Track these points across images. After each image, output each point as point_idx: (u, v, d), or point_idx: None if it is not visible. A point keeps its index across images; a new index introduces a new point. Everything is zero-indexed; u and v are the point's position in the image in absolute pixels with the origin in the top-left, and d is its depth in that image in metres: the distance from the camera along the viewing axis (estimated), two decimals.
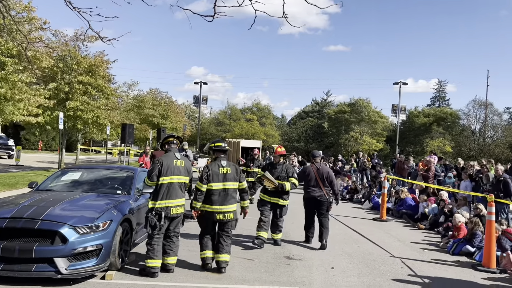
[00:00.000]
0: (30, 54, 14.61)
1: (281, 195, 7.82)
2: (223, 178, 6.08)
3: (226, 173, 6.12)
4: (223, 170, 6.12)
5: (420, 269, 6.85)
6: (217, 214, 6.00)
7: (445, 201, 11.02)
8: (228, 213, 6.04)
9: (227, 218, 6.05)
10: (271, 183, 7.74)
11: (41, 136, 40.97)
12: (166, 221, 5.71)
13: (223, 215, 6.02)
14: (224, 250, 6.03)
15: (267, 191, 7.95)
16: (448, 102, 64.50)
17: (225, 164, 6.17)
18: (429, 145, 43.80)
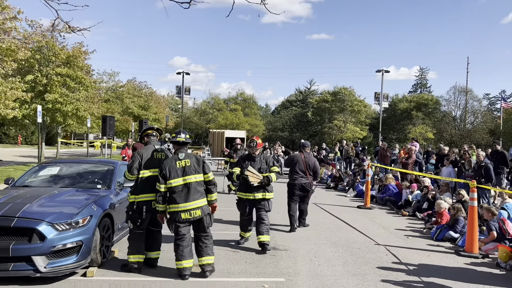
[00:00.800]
0: (5, 46, 14.14)
1: (265, 188, 7.02)
2: (182, 172, 5.41)
3: (185, 166, 5.44)
4: (181, 163, 5.43)
5: (404, 256, 6.89)
6: (182, 213, 5.33)
7: (428, 187, 11.13)
8: (194, 210, 5.36)
9: (194, 216, 5.36)
10: (256, 177, 6.94)
11: (20, 130, 40.13)
12: (148, 214, 5.59)
13: (189, 213, 5.34)
14: (205, 253, 5.47)
15: (246, 187, 7.01)
16: (429, 89, 65.38)
17: (182, 157, 5.47)
18: (411, 132, 44.33)
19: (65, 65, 21.68)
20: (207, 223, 5.49)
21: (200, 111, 58.20)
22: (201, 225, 5.47)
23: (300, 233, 8.29)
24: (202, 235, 5.51)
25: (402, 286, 5.43)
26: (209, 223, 5.52)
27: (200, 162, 5.55)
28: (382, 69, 36.59)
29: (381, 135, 36.98)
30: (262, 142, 7.57)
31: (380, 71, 36.72)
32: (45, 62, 21.26)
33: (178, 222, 5.37)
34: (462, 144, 20.16)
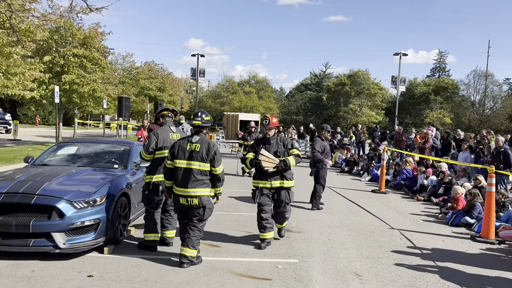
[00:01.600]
0: (24, 27, 14.24)
1: (284, 174, 6.16)
2: (189, 155, 5.10)
3: (193, 150, 5.10)
4: (191, 146, 5.12)
5: (418, 241, 6.87)
6: (181, 198, 5.09)
7: (445, 172, 11.00)
8: (191, 198, 5.04)
9: (190, 203, 5.05)
10: (271, 162, 6.04)
11: (38, 111, 40.74)
12: (163, 196, 5.66)
13: (186, 199, 5.06)
14: (185, 243, 5.07)
15: (261, 174, 6.17)
16: (448, 73, 63.91)
17: (195, 140, 5.15)
18: (428, 116, 43.69)
19: (82, 46, 21.80)
20: (199, 215, 5.09)
21: (215, 94, 58.17)
22: (191, 214, 5.11)
23: (314, 216, 8.31)
24: (190, 225, 5.13)
25: (416, 270, 5.42)
26: (201, 215, 5.10)
27: (210, 152, 5.08)
28: (400, 52, 35.96)
29: (397, 120, 36.54)
30: (278, 121, 6.46)
31: (398, 54, 36.08)
32: (62, 43, 21.39)
33: (176, 204, 5.25)
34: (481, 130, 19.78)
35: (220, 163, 5.17)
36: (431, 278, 5.17)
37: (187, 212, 5.15)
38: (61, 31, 21.39)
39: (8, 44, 13.80)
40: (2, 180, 5.64)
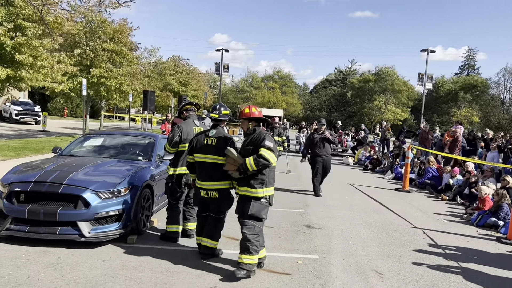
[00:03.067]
0: (52, 19, 14.58)
1: (249, 179, 4.70)
2: (206, 149, 5.06)
3: (209, 144, 5.05)
4: (208, 140, 5.08)
5: (442, 240, 6.75)
6: (202, 191, 5.06)
7: (471, 172, 10.74)
8: (211, 191, 4.98)
9: (211, 196, 4.99)
10: (232, 163, 4.79)
11: (66, 103, 41.73)
12: (186, 188, 5.74)
13: (206, 192, 5.02)
14: (206, 235, 5.12)
15: None
16: (478, 70, 62.21)
17: (212, 134, 5.10)
18: (455, 114, 42.68)
19: (111, 40, 22.18)
20: (220, 207, 5.05)
21: (238, 89, 58.31)
22: (212, 207, 5.07)
23: (335, 213, 8.26)
24: (212, 217, 5.12)
25: (438, 270, 5.33)
26: (221, 207, 5.06)
27: (225, 146, 4.93)
28: (427, 49, 35.20)
29: (423, 118, 35.82)
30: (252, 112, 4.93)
31: (425, 51, 35.32)
32: (93, 37, 21.82)
33: (197, 197, 5.24)
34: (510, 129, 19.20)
35: None
36: (454, 278, 5.08)
37: (208, 204, 5.17)
38: (92, 25, 21.80)
39: (35, 37, 14.15)
40: (31, 169, 5.83)
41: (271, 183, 4.78)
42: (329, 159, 10.34)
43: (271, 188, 4.79)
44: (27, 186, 5.27)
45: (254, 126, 4.91)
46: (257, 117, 4.92)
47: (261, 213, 4.68)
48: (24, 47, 13.86)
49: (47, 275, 4.37)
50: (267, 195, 4.72)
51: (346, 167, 17.31)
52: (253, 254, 4.57)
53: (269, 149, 4.59)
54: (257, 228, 4.66)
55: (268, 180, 4.73)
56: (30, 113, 28.52)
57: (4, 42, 13.39)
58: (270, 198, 4.78)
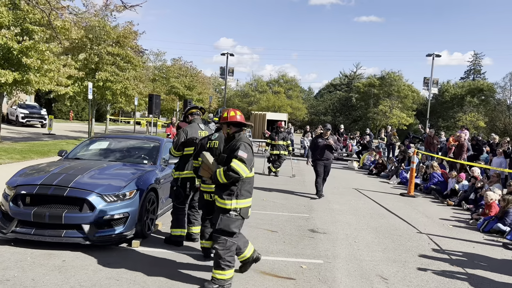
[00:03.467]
0: (60, 24, 14.71)
1: (218, 188, 4.46)
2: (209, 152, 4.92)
3: (212, 147, 5.12)
4: (211, 143, 5.19)
5: (448, 246, 6.70)
6: (205, 194, 5.11)
7: (477, 177, 10.68)
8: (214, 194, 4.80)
9: (213, 198, 4.80)
10: (207, 171, 4.57)
11: (72, 106, 41.95)
12: (191, 192, 5.74)
13: (209, 195, 5.03)
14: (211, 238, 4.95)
15: None
16: (484, 75, 61.96)
17: (214, 137, 5.19)
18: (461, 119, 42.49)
19: (116, 44, 22.31)
20: None
21: (243, 93, 58.41)
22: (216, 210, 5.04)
23: (340, 218, 8.23)
24: None
25: (444, 276, 5.30)
26: None
27: None
28: (433, 53, 35.14)
29: (429, 122, 35.69)
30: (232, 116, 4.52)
31: (431, 55, 35.24)
32: (97, 41, 21.96)
33: (201, 201, 5.24)
34: None
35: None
36: (460, 285, 5.04)
37: (212, 207, 5.08)
38: (96, 30, 21.95)
39: (42, 41, 14.26)
40: (37, 172, 5.85)
41: (244, 195, 4.39)
42: (330, 164, 10.52)
43: (244, 201, 4.39)
44: (33, 189, 5.30)
45: (234, 131, 4.52)
46: (236, 121, 4.50)
47: (230, 227, 4.31)
48: (31, 50, 13.97)
49: (52, 277, 4.38)
50: (237, 208, 4.34)
51: (351, 172, 17.26)
52: (225, 269, 4.30)
53: (241, 160, 4.22)
54: (229, 243, 4.33)
55: (240, 192, 4.36)
56: (36, 116, 28.71)
57: (11, 46, 13.51)
58: (242, 211, 4.37)
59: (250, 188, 4.48)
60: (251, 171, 4.40)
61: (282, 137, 14.01)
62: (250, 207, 4.50)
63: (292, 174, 13.87)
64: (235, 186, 4.33)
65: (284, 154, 14.01)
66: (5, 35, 13.19)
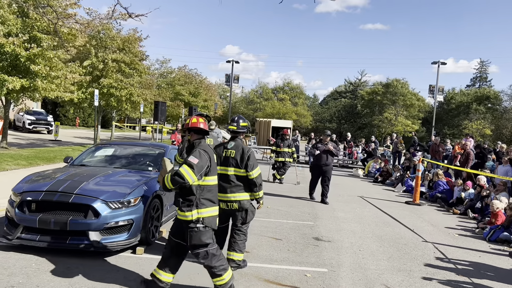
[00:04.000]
0: (66, 31, 14.85)
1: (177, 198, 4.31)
2: (225, 161, 5.20)
3: (229, 156, 5.19)
4: (227, 152, 5.22)
5: (453, 255, 6.65)
6: (221, 203, 5.10)
7: (483, 186, 10.60)
8: (231, 203, 5.14)
9: (231, 208, 5.16)
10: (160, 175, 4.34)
11: (78, 113, 42.23)
12: None
13: (226, 204, 5.16)
14: (231, 248, 5.19)
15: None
16: (490, 83, 61.74)
17: (230, 146, 5.24)
18: (467, 127, 42.28)
19: (121, 50, 22.46)
20: (242, 218, 5.20)
21: (248, 99, 58.54)
22: (234, 218, 5.24)
23: (344, 226, 8.20)
24: (235, 229, 5.24)
25: (449, 285, 5.25)
26: (244, 218, 5.20)
27: (244, 158, 5.12)
28: (438, 61, 35.12)
29: (434, 130, 35.57)
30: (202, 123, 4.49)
31: (436, 63, 35.21)
32: (102, 48, 22.12)
33: None
34: None
35: (255, 168, 5.16)
36: None
37: (229, 216, 5.26)
38: (100, 36, 22.12)
39: (50, 48, 14.41)
40: (43, 178, 5.89)
41: (205, 204, 4.22)
42: (328, 169, 10.76)
43: (206, 210, 4.22)
44: (38, 196, 5.33)
45: (195, 138, 4.45)
46: (197, 128, 4.43)
47: (202, 240, 4.17)
48: (39, 58, 14.10)
49: (57, 284, 4.39)
50: (200, 218, 4.17)
51: (356, 179, 17.20)
52: (222, 274, 4.28)
53: (190, 166, 4.07)
54: (210, 252, 4.23)
55: (200, 201, 4.20)
56: (42, 122, 28.89)
57: (19, 53, 13.65)
58: (206, 220, 4.19)
59: (213, 197, 4.35)
60: (201, 178, 4.18)
61: (287, 144, 14.01)
62: (217, 216, 4.37)
63: (297, 182, 13.84)
64: (193, 195, 4.18)
65: (289, 161, 14.00)
66: (13, 42, 13.34)
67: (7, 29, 13.59)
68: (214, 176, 4.38)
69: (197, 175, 4.09)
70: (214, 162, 4.42)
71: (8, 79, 13.68)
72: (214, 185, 4.39)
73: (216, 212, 4.36)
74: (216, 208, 4.38)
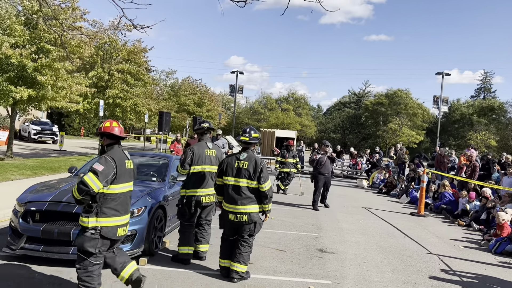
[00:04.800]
0: (73, 43, 15.00)
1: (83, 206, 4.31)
2: (237, 172, 5.16)
3: (241, 168, 5.16)
4: (239, 163, 5.18)
5: (459, 267, 6.58)
6: (230, 214, 5.14)
7: (488, 197, 10.52)
8: (240, 215, 5.07)
9: (240, 220, 5.08)
10: None
11: (83, 123, 42.47)
12: (198, 209, 5.74)
13: (235, 215, 5.09)
14: (236, 259, 5.14)
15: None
16: (494, 94, 61.62)
17: (243, 157, 5.20)
18: (472, 138, 42.12)
19: (126, 61, 22.63)
20: (250, 231, 5.15)
21: (252, 110, 58.67)
22: (241, 231, 5.16)
23: (348, 237, 8.15)
24: (241, 241, 5.18)
25: None
26: (252, 230, 5.16)
27: (257, 169, 5.10)
28: (442, 72, 35.15)
29: (439, 141, 35.45)
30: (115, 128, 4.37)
31: (440, 74, 35.22)
32: (107, 59, 22.31)
33: (225, 220, 5.28)
34: None
35: (267, 180, 5.15)
36: None
37: (237, 228, 5.20)
38: (106, 47, 22.31)
39: (57, 59, 14.57)
40: (47, 188, 5.91)
41: (107, 213, 4.08)
42: (330, 177, 11.59)
43: (106, 219, 4.08)
44: (42, 206, 5.34)
45: (107, 144, 4.32)
46: (109, 133, 4.29)
47: (84, 246, 4.00)
48: (46, 69, 14.24)
49: None
50: (97, 226, 4.03)
51: (360, 190, 17.13)
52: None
53: (95, 172, 3.95)
54: (86, 262, 4.04)
55: (101, 210, 4.06)
56: (48, 132, 29.06)
57: (26, 64, 13.79)
58: (104, 230, 4.06)
59: (118, 206, 4.18)
60: (107, 185, 4.05)
61: (291, 155, 14.00)
62: (120, 226, 4.20)
63: (301, 192, 13.80)
64: (95, 203, 4.05)
65: (293, 171, 13.99)
66: (20, 54, 13.49)
67: (14, 39, 13.76)
68: (120, 185, 4.20)
69: (102, 182, 3.97)
70: (124, 169, 4.26)
71: (15, 90, 13.81)
72: (120, 194, 4.21)
73: (119, 223, 4.19)
74: (121, 219, 4.22)
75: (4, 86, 13.75)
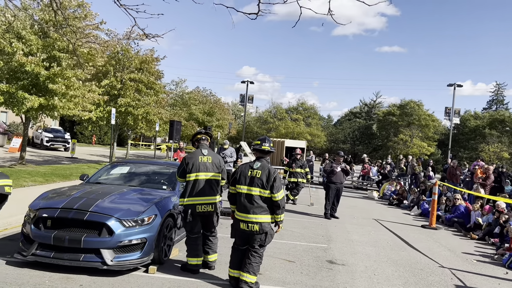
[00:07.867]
0: (87, 51, 15.22)
1: None
2: (250, 181, 5.17)
3: (254, 176, 5.15)
4: (252, 172, 5.18)
5: (471, 282, 6.47)
6: (241, 223, 5.12)
7: (502, 211, 10.35)
8: (252, 224, 5.05)
9: (251, 229, 5.05)
10: None
11: (94, 131, 42.86)
12: (197, 218, 5.66)
13: (247, 225, 5.07)
14: (245, 269, 5.08)
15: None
16: (506, 105, 61.00)
17: (256, 166, 5.21)
18: (484, 150, 41.59)
19: (138, 70, 22.86)
20: (260, 241, 5.11)
21: (262, 119, 58.71)
22: (252, 240, 5.13)
23: (359, 249, 8.06)
24: (251, 251, 5.14)
25: None
26: (263, 240, 5.12)
27: (270, 179, 5.08)
28: (454, 83, 34.90)
29: (451, 153, 35.07)
30: None
31: (452, 85, 34.98)
32: (120, 68, 22.55)
33: (236, 229, 5.28)
34: None
35: (280, 190, 5.12)
36: None
37: (247, 237, 5.17)
38: (119, 56, 22.57)
39: (69, 67, 14.77)
40: (59, 196, 5.96)
41: None
42: (342, 187, 12.06)
43: None
44: (54, 212, 5.38)
45: None
46: None
47: None
48: (58, 77, 14.44)
49: None
50: None
51: (371, 202, 16.98)
52: None
53: None
54: None
55: None
56: (60, 140, 29.41)
57: (38, 72, 14.00)
58: None
59: None
60: None
61: (299, 165, 13.95)
62: None
63: (311, 203, 13.73)
64: None
65: (302, 181, 13.93)
66: (32, 62, 13.70)
67: (28, 48, 14.00)
68: None
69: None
70: None
71: (28, 97, 14.01)
72: None
73: None
74: None
75: (19, 94, 13.97)
